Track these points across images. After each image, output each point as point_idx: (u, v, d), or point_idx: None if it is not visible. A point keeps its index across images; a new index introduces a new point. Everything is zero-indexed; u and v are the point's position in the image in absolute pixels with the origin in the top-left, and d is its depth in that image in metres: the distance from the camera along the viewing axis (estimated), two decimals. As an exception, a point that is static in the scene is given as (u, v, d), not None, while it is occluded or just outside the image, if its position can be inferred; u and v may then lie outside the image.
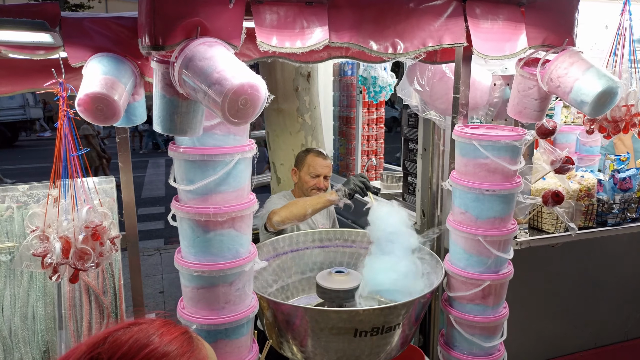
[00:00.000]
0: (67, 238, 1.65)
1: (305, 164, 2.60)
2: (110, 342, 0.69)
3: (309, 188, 2.59)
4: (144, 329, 0.71)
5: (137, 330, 0.71)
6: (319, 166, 2.59)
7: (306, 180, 2.59)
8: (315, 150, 2.66)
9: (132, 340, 0.69)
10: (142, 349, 0.68)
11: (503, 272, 1.95)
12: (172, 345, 0.70)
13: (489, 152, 1.81)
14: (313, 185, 2.59)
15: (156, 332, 0.71)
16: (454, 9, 1.62)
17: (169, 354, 0.69)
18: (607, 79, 1.54)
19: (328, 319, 1.78)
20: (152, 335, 0.70)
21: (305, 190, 2.62)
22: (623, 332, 3.08)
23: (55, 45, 1.63)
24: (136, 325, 0.72)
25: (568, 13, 1.73)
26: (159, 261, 5.15)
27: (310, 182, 2.58)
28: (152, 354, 0.68)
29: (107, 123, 1.55)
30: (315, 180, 2.59)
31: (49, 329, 1.97)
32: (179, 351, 0.71)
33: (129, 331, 0.70)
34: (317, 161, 2.60)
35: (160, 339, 0.70)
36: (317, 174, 2.58)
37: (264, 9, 1.42)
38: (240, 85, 1.21)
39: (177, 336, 0.73)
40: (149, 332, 0.71)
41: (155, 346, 0.69)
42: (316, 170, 2.58)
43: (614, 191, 2.60)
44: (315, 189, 2.60)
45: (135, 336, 0.69)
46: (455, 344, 2.07)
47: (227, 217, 1.58)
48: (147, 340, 0.69)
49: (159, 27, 1.32)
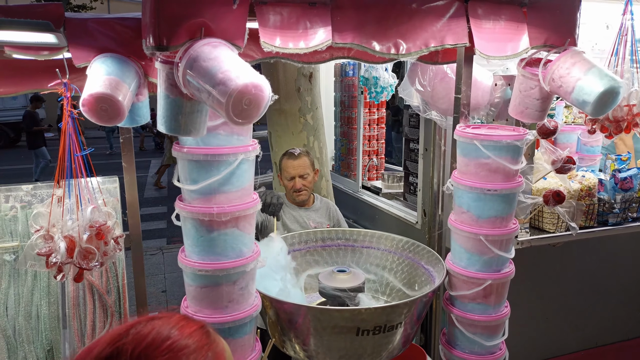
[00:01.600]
0: (71, 237, 1.67)
1: (282, 169, 2.61)
2: (133, 335, 0.71)
3: (290, 191, 2.60)
4: (165, 322, 0.74)
5: (158, 324, 0.73)
6: (290, 168, 2.58)
7: (285, 184, 2.60)
8: (288, 152, 2.65)
9: (154, 332, 0.71)
10: (164, 341, 0.71)
11: (504, 272, 1.96)
12: (192, 339, 0.73)
13: (491, 152, 1.82)
14: (291, 188, 2.59)
15: (176, 325, 0.74)
16: (456, 9, 1.63)
17: (189, 347, 0.72)
18: (609, 78, 1.55)
19: (330, 317, 1.79)
20: (173, 328, 0.73)
21: (290, 195, 2.63)
22: (624, 332, 3.09)
23: (59, 45, 1.64)
24: (156, 319, 0.74)
25: (570, 13, 1.74)
26: (161, 260, 5.17)
27: (288, 185, 2.59)
28: (173, 346, 0.71)
29: (111, 123, 1.56)
30: (292, 183, 2.58)
31: (52, 328, 1.99)
32: (198, 344, 0.73)
33: (150, 325, 0.73)
34: (288, 163, 2.58)
35: (180, 332, 0.73)
36: (291, 176, 2.57)
37: (267, 10, 1.43)
38: (245, 85, 1.22)
39: (196, 330, 0.75)
40: (169, 326, 0.73)
41: (176, 339, 0.72)
42: (289, 172, 2.58)
43: (615, 191, 2.61)
44: (295, 190, 2.58)
45: (157, 329, 0.72)
46: (457, 342, 2.08)
47: (231, 216, 1.59)
48: (168, 333, 0.72)
49: (163, 27, 1.33)
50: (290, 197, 2.65)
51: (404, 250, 2.34)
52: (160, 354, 0.69)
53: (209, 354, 0.74)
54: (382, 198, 3.55)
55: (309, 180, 2.62)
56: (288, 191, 2.62)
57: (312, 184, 2.64)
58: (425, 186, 2.89)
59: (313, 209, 2.70)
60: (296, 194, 2.59)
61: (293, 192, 2.59)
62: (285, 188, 2.63)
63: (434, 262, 2.16)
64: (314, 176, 2.66)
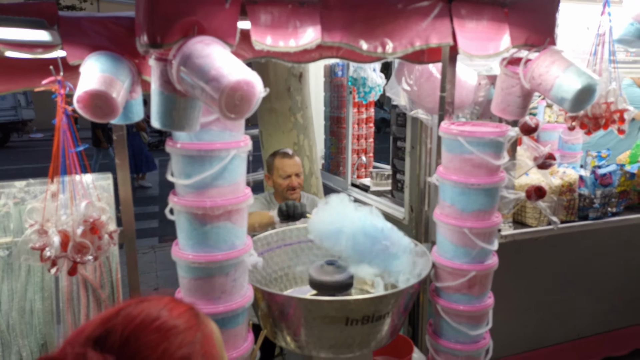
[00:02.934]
0: (65, 232, 1.70)
1: (274, 167, 2.66)
2: (124, 316, 0.73)
3: (285, 190, 2.64)
4: (154, 304, 0.76)
5: (147, 305, 0.75)
6: (287, 166, 2.64)
7: (279, 183, 2.64)
8: (280, 152, 2.71)
9: (143, 314, 0.74)
10: (153, 321, 0.73)
11: (488, 263, 2.03)
12: (181, 319, 0.75)
13: (474, 148, 1.88)
14: (287, 185, 2.64)
15: (165, 306, 0.76)
16: (440, 9, 1.70)
17: (178, 327, 0.74)
18: (586, 76, 1.63)
19: (321, 308, 1.84)
20: (162, 309, 0.75)
21: (282, 193, 2.67)
22: (605, 323, 3.18)
23: (53, 43, 1.67)
24: (146, 301, 0.77)
25: (549, 14, 1.81)
26: (153, 259, 5.18)
27: (283, 183, 2.64)
28: (163, 326, 0.73)
29: (105, 120, 1.60)
30: (288, 181, 2.64)
31: (46, 323, 2.01)
32: (187, 325, 0.75)
33: (140, 306, 0.75)
34: (284, 162, 2.65)
35: (170, 313, 0.75)
36: (288, 175, 2.63)
37: (258, 9, 1.48)
38: (237, 81, 1.27)
39: (185, 311, 0.77)
40: (159, 307, 0.75)
41: (165, 319, 0.74)
42: (285, 171, 2.63)
43: (595, 186, 2.69)
44: (290, 189, 2.64)
45: (146, 310, 0.74)
46: (443, 332, 2.14)
47: (224, 210, 1.63)
48: (157, 313, 0.74)
49: (157, 25, 1.37)
50: (282, 195, 2.69)
51: (392, 244, 2.40)
52: (149, 333, 0.71)
53: (198, 334, 0.76)
54: (371, 195, 3.62)
55: (301, 179, 2.69)
56: (281, 190, 2.67)
57: (302, 183, 2.71)
58: (412, 183, 2.96)
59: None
60: (290, 192, 2.65)
61: (287, 191, 2.65)
62: (279, 187, 2.67)
63: (420, 255, 2.22)
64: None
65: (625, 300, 3.19)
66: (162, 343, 0.71)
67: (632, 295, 3.20)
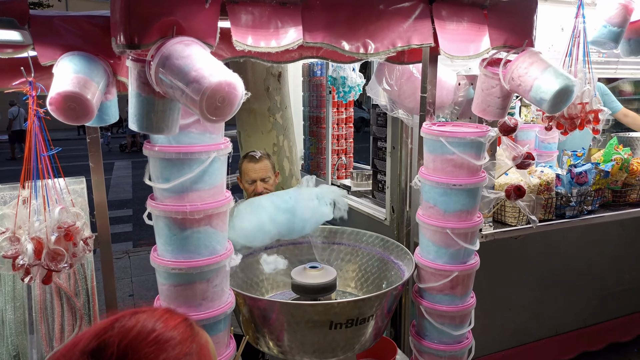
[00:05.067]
0: (39, 239, 1.63)
1: (242, 171, 2.58)
2: (119, 328, 0.72)
3: (251, 195, 2.55)
4: (149, 316, 0.75)
5: (142, 317, 0.74)
6: (251, 171, 2.55)
7: (246, 187, 2.58)
8: (248, 155, 2.61)
9: (139, 325, 0.72)
10: (149, 333, 0.72)
11: (470, 263, 2.04)
12: (176, 331, 0.74)
13: (455, 148, 1.89)
14: (252, 191, 2.56)
15: (160, 318, 0.75)
16: (421, 11, 1.70)
17: (174, 339, 0.73)
18: (564, 77, 1.65)
19: (304, 312, 1.82)
20: (157, 321, 0.74)
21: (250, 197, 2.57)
22: (582, 319, 3.25)
23: (24, 43, 1.61)
24: (140, 312, 0.75)
25: (527, 16, 1.83)
26: (127, 264, 5.06)
27: (249, 189, 2.56)
28: (159, 338, 0.72)
29: (79, 122, 1.54)
30: (253, 186, 2.55)
31: (18, 333, 1.94)
32: (183, 336, 0.74)
33: (135, 318, 0.74)
34: (249, 167, 2.56)
35: (165, 325, 0.74)
36: (252, 180, 2.56)
37: (239, 9, 1.45)
38: (218, 83, 1.24)
39: (180, 322, 0.77)
40: (154, 319, 0.74)
41: (161, 331, 0.73)
42: (249, 176, 2.56)
43: (571, 185, 2.74)
44: (256, 194, 2.53)
45: (141, 322, 0.73)
46: (426, 333, 2.14)
47: (204, 214, 1.59)
48: (153, 325, 0.73)
49: (134, 26, 1.33)
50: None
51: (374, 245, 2.40)
52: (146, 346, 0.71)
53: (193, 345, 0.75)
54: (352, 196, 3.61)
55: (270, 184, 2.59)
56: (248, 194, 2.59)
57: (273, 187, 2.61)
58: (393, 183, 2.96)
59: None
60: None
61: (255, 195, 2.56)
62: (246, 191, 2.60)
63: (402, 256, 2.23)
64: (274, 179, 2.63)
65: (600, 296, 3.27)
66: (159, 355, 0.70)
67: (607, 291, 3.28)
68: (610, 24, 2.16)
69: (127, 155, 13.35)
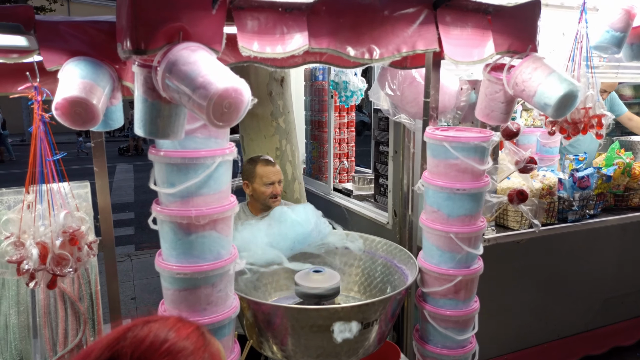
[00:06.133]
0: (44, 244, 1.64)
1: (256, 175, 2.62)
2: (131, 338, 0.72)
3: (267, 197, 2.61)
4: (161, 325, 0.75)
5: (155, 326, 0.74)
6: (271, 174, 2.61)
7: (262, 190, 2.61)
8: (262, 159, 2.67)
9: (152, 335, 0.72)
10: (162, 343, 0.72)
11: (474, 268, 2.04)
12: (189, 340, 0.74)
13: (459, 153, 1.89)
14: (270, 193, 2.60)
15: (173, 327, 0.75)
16: (426, 16, 1.70)
17: (187, 349, 0.73)
18: (568, 82, 1.65)
19: (308, 317, 1.82)
20: (170, 331, 0.74)
21: (263, 201, 2.63)
22: (584, 323, 3.24)
23: (30, 48, 1.62)
24: (152, 322, 0.75)
25: (531, 21, 1.84)
26: (129, 267, 5.06)
27: (266, 191, 2.60)
28: (172, 349, 0.72)
29: (85, 127, 1.55)
30: (271, 188, 2.61)
31: (22, 338, 1.93)
32: (195, 346, 0.74)
33: (147, 327, 0.74)
34: (268, 169, 2.61)
35: (178, 334, 0.74)
36: (271, 182, 2.61)
37: (245, 15, 1.46)
38: (225, 89, 1.24)
39: (192, 331, 0.76)
40: (166, 328, 0.74)
41: (173, 341, 0.73)
42: (269, 178, 2.60)
43: (573, 189, 2.75)
44: (273, 196, 2.62)
45: (154, 332, 0.73)
46: (430, 338, 2.14)
47: (209, 219, 1.59)
48: (165, 335, 0.73)
49: (141, 31, 1.33)
50: (262, 203, 2.66)
51: (377, 249, 2.40)
52: (159, 356, 0.70)
53: (206, 354, 0.75)
54: (354, 200, 3.62)
55: (282, 186, 2.67)
56: (264, 198, 2.62)
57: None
58: (396, 187, 2.97)
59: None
60: (273, 200, 2.62)
61: (270, 198, 2.61)
62: (261, 195, 2.62)
63: (406, 261, 2.23)
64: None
65: (603, 300, 3.26)
66: None
67: (609, 295, 3.28)
68: (613, 29, 2.17)
69: (127, 159, 13.35)
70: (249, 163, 2.69)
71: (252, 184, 2.64)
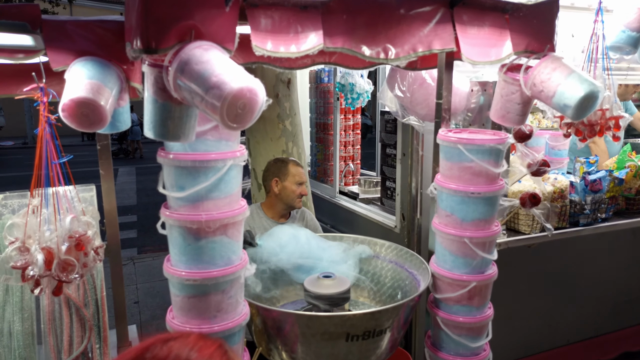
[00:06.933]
0: (49, 249, 1.59)
1: (289, 173, 2.63)
2: (150, 358, 0.67)
3: (296, 197, 2.63)
4: (182, 344, 0.70)
5: (175, 345, 0.70)
6: (302, 174, 2.67)
7: (293, 189, 2.62)
8: (292, 160, 2.72)
9: (172, 355, 0.68)
10: None
11: (488, 273, 1.99)
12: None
13: (474, 156, 1.85)
14: (299, 193, 2.63)
15: (194, 346, 0.70)
16: (442, 15, 1.66)
17: None
18: (589, 83, 1.61)
19: (320, 324, 1.77)
20: (191, 350, 0.70)
21: (290, 200, 2.63)
22: (593, 328, 3.20)
23: (36, 48, 1.57)
24: (172, 340, 0.71)
25: (549, 20, 1.80)
26: (132, 271, 5.01)
27: (297, 190, 2.63)
28: None
29: (92, 129, 1.50)
30: (301, 188, 2.64)
31: (26, 345, 1.88)
32: None
33: (167, 347, 0.69)
34: (299, 170, 2.67)
35: (200, 354, 0.70)
36: (302, 182, 2.64)
37: (258, 13, 1.41)
38: (240, 89, 1.20)
39: (214, 350, 0.72)
40: (187, 347, 0.70)
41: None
42: (301, 177, 2.64)
43: (585, 192, 2.70)
44: (300, 196, 2.64)
45: (175, 352, 0.68)
46: (443, 345, 2.09)
47: (219, 224, 1.55)
48: (187, 355, 0.69)
49: (152, 30, 1.29)
50: (286, 203, 2.64)
51: (387, 254, 2.35)
52: None
53: None
54: (360, 203, 3.57)
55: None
56: (292, 197, 2.62)
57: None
58: (404, 190, 2.92)
59: (291, 222, 2.71)
60: (299, 200, 2.64)
61: (297, 198, 2.63)
62: (291, 193, 2.62)
63: (417, 266, 2.18)
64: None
65: (613, 304, 3.22)
66: None
67: (619, 299, 3.23)
68: (629, 29, 2.14)
69: (132, 161, 13.30)
70: (279, 162, 2.70)
71: (283, 181, 2.63)
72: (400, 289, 2.24)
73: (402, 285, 2.24)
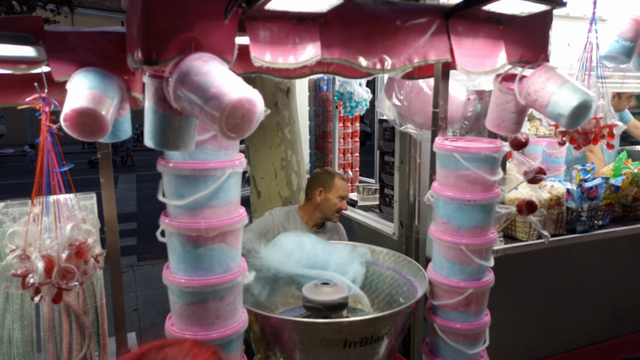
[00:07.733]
0: (49, 257, 1.61)
1: (334, 186, 2.68)
2: None
3: (335, 210, 2.68)
4: (177, 350, 0.71)
5: (170, 352, 0.71)
6: (346, 189, 2.74)
7: (334, 202, 2.67)
8: (339, 173, 2.77)
9: None
10: None
11: (485, 280, 2.01)
12: None
13: (470, 164, 1.87)
14: (339, 207, 2.68)
15: (189, 353, 0.71)
16: (438, 26, 1.69)
17: None
18: (582, 92, 1.64)
19: (318, 330, 1.78)
20: (186, 356, 0.71)
21: (329, 212, 2.68)
22: (592, 335, 3.20)
23: (38, 59, 1.60)
24: (167, 346, 0.72)
25: (542, 31, 1.83)
26: (132, 278, 5.01)
27: (338, 204, 2.68)
28: None
29: (94, 139, 1.53)
30: (342, 203, 2.69)
31: (26, 353, 1.89)
32: None
33: (163, 353, 0.70)
34: (344, 185, 2.72)
35: None
36: (344, 196, 2.70)
37: (257, 26, 1.44)
38: (238, 100, 1.22)
39: (209, 357, 0.73)
40: (182, 354, 0.71)
41: None
42: (345, 192, 2.70)
43: (581, 200, 2.72)
44: (339, 210, 2.69)
45: (170, 358, 0.70)
46: (440, 352, 2.11)
47: (218, 231, 1.57)
48: None
49: (152, 41, 1.32)
50: (326, 215, 2.69)
51: (385, 261, 2.37)
52: None
53: None
54: (359, 210, 3.59)
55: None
56: (333, 210, 2.67)
57: None
58: (402, 198, 2.94)
59: (323, 232, 2.77)
60: (337, 215, 2.69)
61: (336, 212, 2.68)
62: (332, 206, 2.66)
63: (415, 273, 2.20)
64: None
65: (611, 311, 3.23)
66: None
67: (617, 306, 3.24)
68: (622, 39, 2.17)
69: (132, 169, 13.31)
70: (326, 173, 2.75)
71: (326, 192, 2.67)
72: (398, 295, 2.25)
73: (400, 292, 2.25)
